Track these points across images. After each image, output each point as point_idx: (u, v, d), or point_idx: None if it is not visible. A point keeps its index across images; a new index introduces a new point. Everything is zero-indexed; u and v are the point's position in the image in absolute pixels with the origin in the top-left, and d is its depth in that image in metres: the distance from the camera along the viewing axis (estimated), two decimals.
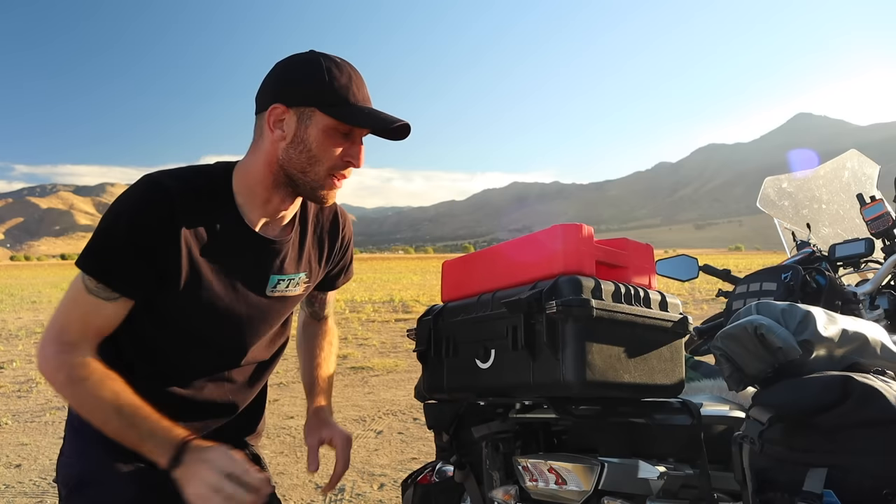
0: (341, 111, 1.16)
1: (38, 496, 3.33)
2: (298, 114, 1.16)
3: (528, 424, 1.27)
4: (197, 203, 1.17)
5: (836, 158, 2.45)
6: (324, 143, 1.17)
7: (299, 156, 1.17)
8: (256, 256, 1.25)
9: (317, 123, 1.16)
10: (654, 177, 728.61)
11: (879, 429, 0.89)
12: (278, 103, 1.16)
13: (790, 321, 1.01)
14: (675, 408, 1.14)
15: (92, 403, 1.12)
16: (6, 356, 7.89)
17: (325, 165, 1.19)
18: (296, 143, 1.17)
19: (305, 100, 1.15)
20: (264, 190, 1.22)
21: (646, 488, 1.09)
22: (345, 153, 1.19)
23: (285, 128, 1.17)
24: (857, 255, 1.82)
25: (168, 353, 1.25)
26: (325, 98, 1.15)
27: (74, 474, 1.25)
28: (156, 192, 1.14)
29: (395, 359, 7.27)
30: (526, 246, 1.16)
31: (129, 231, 1.11)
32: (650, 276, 1.20)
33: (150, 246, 1.12)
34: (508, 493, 1.24)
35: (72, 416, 1.32)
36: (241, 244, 1.23)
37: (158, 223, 1.12)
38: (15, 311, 14.18)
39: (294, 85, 1.16)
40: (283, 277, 1.30)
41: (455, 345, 1.21)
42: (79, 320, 1.15)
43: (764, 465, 0.97)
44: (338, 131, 1.17)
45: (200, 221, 1.18)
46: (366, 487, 3.42)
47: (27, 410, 5.23)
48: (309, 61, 1.17)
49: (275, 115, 1.16)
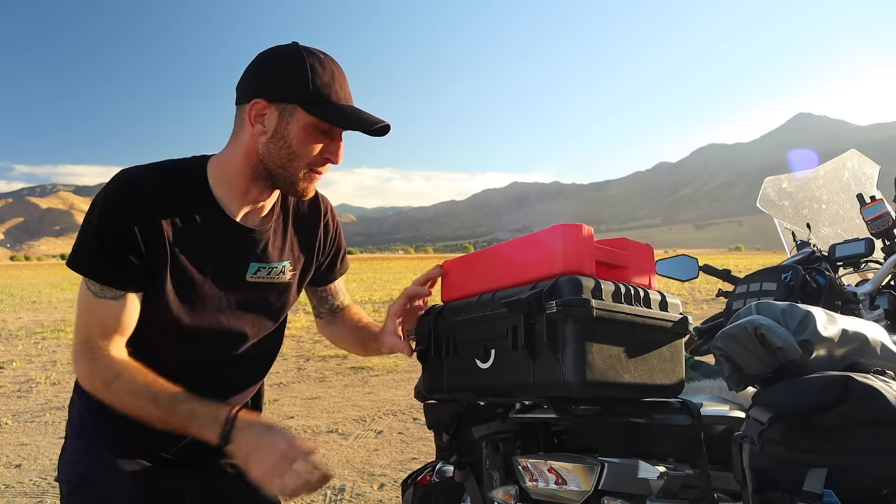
0: (323, 110, 1.16)
1: (38, 496, 3.33)
2: (280, 110, 1.16)
3: (528, 424, 1.27)
4: (174, 194, 1.18)
5: (836, 158, 2.45)
6: (304, 139, 1.17)
7: (279, 151, 1.18)
8: (236, 245, 1.25)
9: (298, 120, 1.16)
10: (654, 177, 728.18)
11: (879, 429, 0.89)
12: (260, 98, 1.16)
13: (790, 321, 1.01)
14: (675, 408, 1.14)
15: (130, 398, 1.13)
16: (6, 356, 7.88)
17: (304, 161, 1.19)
18: (276, 138, 1.17)
19: (287, 97, 1.15)
20: (243, 182, 1.23)
21: (646, 488, 1.09)
22: (324, 150, 1.20)
23: (266, 123, 1.17)
24: (857, 255, 1.82)
25: (158, 350, 1.24)
26: (307, 96, 1.15)
27: (76, 472, 1.25)
28: (131, 185, 1.14)
29: (395, 359, 7.27)
30: (526, 246, 1.16)
31: (113, 226, 1.12)
32: (650, 276, 1.20)
33: (134, 236, 1.13)
34: (508, 493, 1.24)
35: (73, 416, 1.32)
36: (220, 233, 1.23)
37: (137, 214, 1.13)
38: (15, 311, 14.18)
39: (276, 81, 1.16)
40: (264, 265, 1.30)
41: (455, 345, 1.21)
42: (97, 325, 1.16)
43: (764, 465, 0.97)
44: (318, 129, 1.18)
45: (178, 212, 1.18)
46: (366, 487, 3.42)
47: (27, 410, 5.23)
48: (292, 56, 1.17)
49: (256, 110, 1.17)
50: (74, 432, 1.30)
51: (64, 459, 1.29)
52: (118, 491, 1.21)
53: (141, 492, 1.21)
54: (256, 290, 1.31)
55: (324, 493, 3.36)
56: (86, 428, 1.28)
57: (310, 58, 1.16)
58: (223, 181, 1.23)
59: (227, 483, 1.35)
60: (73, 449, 1.29)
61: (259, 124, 1.17)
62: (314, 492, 1.00)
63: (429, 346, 1.27)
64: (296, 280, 1.38)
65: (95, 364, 1.15)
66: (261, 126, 1.17)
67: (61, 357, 7.82)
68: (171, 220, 1.17)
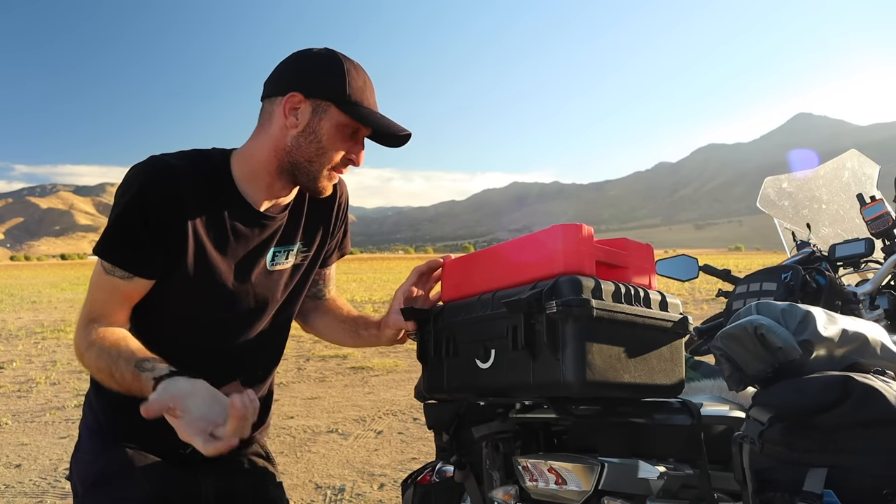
0: (356, 111, 1.20)
1: (38, 496, 3.33)
2: (315, 105, 1.19)
3: (528, 424, 1.27)
4: (201, 183, 1.20)
5: (836, 158, 2.45)
6: (333, 137, 1.21)
7: (308, 145, 1.21)
8: (258, 235, 1.27)
9: (331, 118, 1.20)
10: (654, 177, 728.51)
11: (879, 429, 0.89)
12: (297, 91, 1.19)
13: (790, 321, 1.01)
14: (675, 408, 1.14)
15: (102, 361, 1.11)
16: (6, 356, 7.89)
17: (329, 159, 1.22)
18: (307, 132, 1.20)
19: (325, 93, 1.19)
20: (268, 175, 1.25)
21: (646, 488, 1.09)
22: (349, 151, 1.24)
23: (299, 116, 1.20)
24: (857, 255, 1.82)
25: (179, 338, 1.25)
26: (342, 97, 1.19)
27: (93, 471, 1.25)
28: (162, 170, 1.16)
29: (395, 359, 7.27)
30: (526, 246, 1.16)
31: (139, 209, 1.14)
32: (650, 276, 1.20)
33: (158, 222, 1.15)
34: (508, 493, 1.24)
35: (87, 416, 1.33)
36: (244, 224, 1.25)
37: (164, 200, 1.15)
38: (15, 311, 14.18)
39: (315, 79, 1.20)
40: (281, 249, 1.32)
41: (455, 345, 1.21)
42: (101, 300, 1.19)
43: (764, 465, 0.97)
44: (346, 129, 1.21)
45: (204, 201, 1.20)
46: (366, 487, 3.42)
47: (27, 410, 5.23)
48: (330, 58, 1.21)
49: (291, 103, 1.19)
50: (89, 433, 1.31)
51: (78, 458, 1.30)
52: (135, 489, 1.21)
53: (157, 490, 1.22)
54: (277, 278, 1.32)
55: (324, 493, 3.36)
56: (100, 426, 1.29)
57: (346, 62, 1.21)
58: (248, 174, 1.25)
59: (241, 480, 1.36)
60: (88, 448, 1.29)
61: (292, 117, 1.20)
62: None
63: (429, 346, 1.27)
64: (307, 263, 1.39)
65: (87, 331, 1.16)
66: (294, 119, 1.20)
67: (61, 357, 7.82)
68: (200, 209, 1.19)
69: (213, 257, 1.22)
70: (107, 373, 1.11)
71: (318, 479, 3.55)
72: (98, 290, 1.19)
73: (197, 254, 1.20)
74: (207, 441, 0.92)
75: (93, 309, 1.19)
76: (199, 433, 0.92)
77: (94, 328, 1.16)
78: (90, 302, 1.20)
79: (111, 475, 1.23)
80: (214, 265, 1.22)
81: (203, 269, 1.21)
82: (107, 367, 1.10)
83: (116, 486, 1.22)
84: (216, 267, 1.22)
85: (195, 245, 1.19)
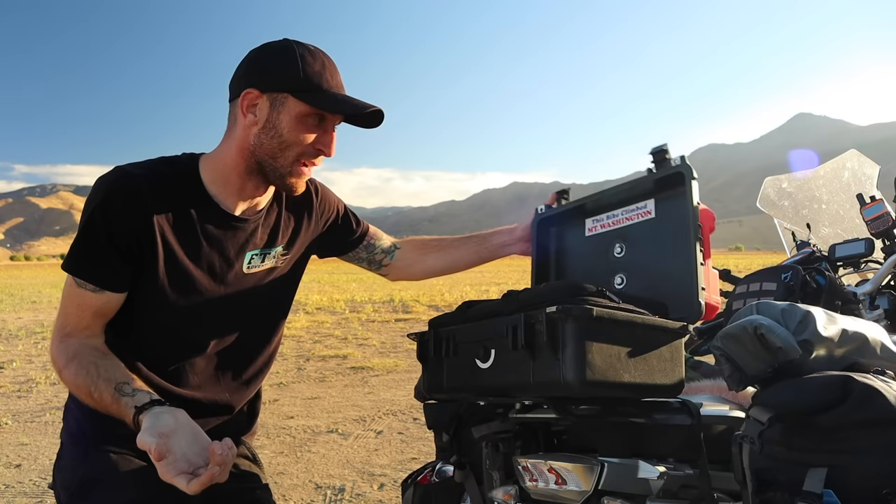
0: (313, 97, 1.16)
1: (38, 496, 3.33)
2: (271, 99, 1.17)
3: (528, 424, 1.27)
4: (168, 190, 1.18)
5: (836, 158, 2.45)
6: (295, 129, 1.17)
7: (270, 141, 1.18)
8: (231, 237, 1.25)
9: (289, 109, 1.16)
10: None
11: (879, 429, 0.89)
12: (251, 88, 1.17)
13: (790, 321, 1.01)
14: (675, 408, 1.14)
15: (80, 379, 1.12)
16: (6, 356, 7.88)
17: (294, 151, 1.19)
18: (267, 128, 1.18)
19: (278, 85, 1.16)
20: (238, 177, 1.23)
21: (646, 488, 1.09)
22: (317, 140, 1.20)
23: (258, 112, 1.18)
24: (857, 255, 1.83)
25: (157, 348, 1.24)
26: (297, 84, 1.15)
27: (77, 478, 1.24)
28: (123, 181, 1.14)
29: (395, 359, 7.27)
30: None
31: (102, 222, 1.12)
32: None
33: (122, 232, 1.13)
34: (508, 493, 1.24)
35: (68, 423, 1.31)
36: (215, 227, 1.23)
37: (127, 210, 1.13)
38: (15, 311, 14.18)
39: (267, 70, 1.17)
40: (258, 252, 1.30)
41: (455, 345, 1.21)
42: (74, 313, 1.17)
43: (764, 465, 0.97)
44: (310, 118, 1.18)
45: (173, 207, 1.18)
46: (366, 487, 3.42)
47: (27, 410, 5.23)
48: (282, 48, 1.18)
49: (248, 100, 1.17)
50: (70, 440, 1.29)
51: (61, 466, 1.28)
52: (120, 495, 1.20)
53: (143, 494, 1.20)
54: (255, 281, 1.30)
55: (324, 493, 3.36)
56: (83, 432, 1.27)
57: (300, 49, 1.17)
58: (218, 177, 1.23)
59: (228, 483, 1.35)
60: (71, 454, 1.27)
61: (251, 114, 1.18)
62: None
63: (429, 346, 1.27)
64: (289, 266, 1.37)
65: (63, 345, 1.16)
66: (252, 116, 1.18)
67: None
68: (166, 215, 1.17)
69: (184, 264, 1.20)
70: (85, 392, 1.11)
71: (318, 479, 3.55)
72: (71, 302, 1.17)
73: (168, 261, 1.18)
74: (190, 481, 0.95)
75: (67, 322, 1.18)
76: (181, 474, 0.95)
77: (71, 343, 1.15)
78: (64, 315, 1.18)
79: (95, 481, 1.21)
80: (187, 271, 1.20)
81: (176, 275, 1.19)
82: (85, 386, 1.11)
83: (101, 491, 1.20)
84: (189, 273, 1.20)
85: (165, 252, 1.17)
